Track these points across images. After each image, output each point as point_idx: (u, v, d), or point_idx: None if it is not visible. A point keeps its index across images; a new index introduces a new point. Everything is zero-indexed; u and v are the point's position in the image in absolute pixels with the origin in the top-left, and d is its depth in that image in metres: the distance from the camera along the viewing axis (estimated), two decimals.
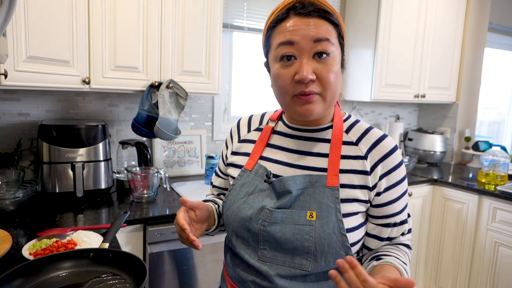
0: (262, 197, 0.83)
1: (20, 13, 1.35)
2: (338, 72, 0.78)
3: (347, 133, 0.85)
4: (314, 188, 0.79)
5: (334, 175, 0.79)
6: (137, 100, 2.12)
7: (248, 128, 0.96)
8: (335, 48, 0.77)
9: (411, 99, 2.77)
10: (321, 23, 0.75)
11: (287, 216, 0.79)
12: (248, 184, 0.86)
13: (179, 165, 2.25)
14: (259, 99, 2.59)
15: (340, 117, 0.87)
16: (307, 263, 0.77)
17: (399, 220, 0.84)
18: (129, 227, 1.52)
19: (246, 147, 0.93)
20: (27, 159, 1.85)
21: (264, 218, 0.80)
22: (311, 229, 0.76)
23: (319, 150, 0.84)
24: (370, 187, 0.80)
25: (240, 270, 0.86)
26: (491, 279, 2.27)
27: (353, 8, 2.72)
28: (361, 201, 0.80)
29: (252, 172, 0.87)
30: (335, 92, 0.78)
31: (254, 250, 0.82)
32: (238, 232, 0.85)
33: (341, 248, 0.77)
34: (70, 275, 0.89)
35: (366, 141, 0.83)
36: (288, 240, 0.77)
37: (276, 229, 0.78)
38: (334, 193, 0.78)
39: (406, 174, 0.86)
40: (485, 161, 2.48)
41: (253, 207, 0.82)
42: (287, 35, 0.75)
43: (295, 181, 0.80)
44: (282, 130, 0.90)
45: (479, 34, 3.06)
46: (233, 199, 0.87)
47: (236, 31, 2.40)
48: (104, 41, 1.66)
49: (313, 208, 0.78)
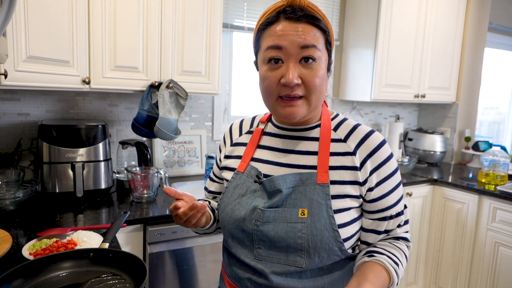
0: (254, 198, 0.85)
1: (20, 13, 1.35)
2: (324, 76, 0.81)
3: (335, 131, 0.87)
4: (305, 186, 0.81)
5: (324, 172, 0.81)
6: (137, 100, 2.12)
7: (240, 131, 0.98)
8: (321, 53, 0.79)
9: (411, 99, 2.77)
10: (309, 29, 0.78)
11: (279, 214, 0.80)
12: (240, 185, 0.88)
13: (179, 165, 2.25)
14: (259, 99, 2.58)
15: (328, 116, 0.89)
16: (301, 260, 0.79)
17: (395, 212, 0.85)
18: (129, 227, 1.52)
19: (238, 150, 0.95)
20: (27, 159, 1.85)
21: (257, 218, 0.81)
22: (303, 226, 0.78)
23: (308, 148, 0.86)
24: (360, 182, 0.81)
25: (237, 269, 0.87)
26: (491, 279, 2.27)
27: (353, 8, 2.72)
28: (353, 197, 0.82)
29: (244, 174, 0.89)
30: (320, 95, 0.81)
31: (249, 249, 0.84)
32: (233, 233, 0.86)
33: (333, 243, 0.78)
34: (70, 275, 0.89)
35: (354, 137, 0.84)
36: (281, 238, 0.79)
37: (269, 228, 0.80)
38: (325, 189, 0.80)
39: (398, 167, 0.87)
40: (485, 161, 2.48)
41: (246, 208, 0.84)
42: (276, 40, 0.77)
43: (285, 179, 0.82)
44: (271, 131, 0.93)
45: (479, 34, 3.06)
46: (227, 201, 0.88)
47: (236, 31, 2.40)
48: (104, 41, 1.66)
49: (304, 206, 0.79)
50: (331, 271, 0.83)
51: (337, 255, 0.81)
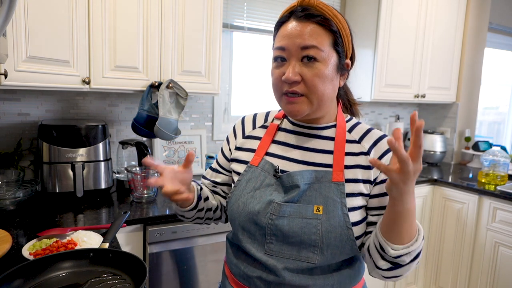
0: (270, 191, 0.85)
1: (20, 13, 1.35)
2: (327, 76, 0.81)
3: (349, 133, 0.89)
4: (320, 183, 0.82)
5: (339, 170, 0.83)
6: (137, 100, 2.12)
7: (253, 125, 0.99)
8: (325, 54, 0.80)
9: (411, 99, 2.77)
10: (315, 30, 0.79)
11: (294, 210, 0.81)
12: (254, 179, 0.88)
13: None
14: (259, 99, 2.59)
15: (343, 118, 0.91)
16: (313, 256, 0.79)
17: None
18: (129, 227, 1.52)
19: (250, 143, 0.95)
20: (27, 159, 1.85)
21: (273, 212, 0.82)
22: (318, 222, 0.79)
23: (323, 147, 0.88)
24: (371, 181, 0.83)
25: (245, 266, 0.87)
26: (491, 279, 2.27)
27: (353, 8, 2.72)
28: (364, 195, 0.83)
29: (259, 167, 0.89)
30: (322, 95, 0.81)
31: (260, 244, 0.84)
32: (244, 226, 0.86)
33: (346, 241, 0.79)
34: (70, 275, 0.89)
35: (368, 139, 0.87)
36: (295, 234, 0.80)
37: (284, 223, 0.81)
38: (340, 188, 0.81)
39: None
40: (485, 161, 2.48)
41: (261, 201, 0.84)
42: (281, 41, 0.82)
43: (303, 176, 0.83)
44: (287, 127, 0.94)
45: (479, 34, 3.06)
46: (239, 194, 0.88)
47: (236, 31, 2.40)
48: (104, 41, 1.66)
49: (319, 203, 0.81)
50: (340, 269, 0.85)
51: (348, 253, 0.82)
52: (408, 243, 0.75)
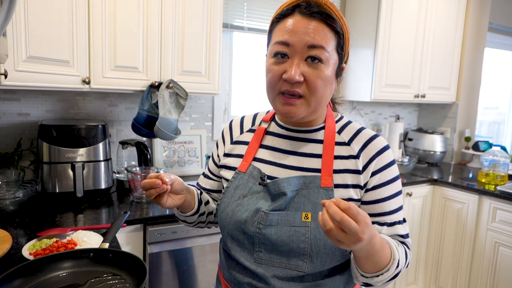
0: (257, 199, 0.83)
1: (20, 13, 1.35)
2: (329, 79, 0.78)
3: (339, 134, 0.85)
4: (309, 189, 0.80)
5: (328, 175, 0.80)
6: (137, 100, 2.12)
7: (241, 129, 0.96)
8: (330, 55, 0.77)
9: (411, 99, 2.77)
10: (321, 28, 0.75)
11: (282, 218, 0.79)
12: (242, 186, 0.85)
13: (179, 165, 2.25)
14: (259, 99, 2.59)
15: (333, 118, 0.87)
16: (303, 264, 0.77)
17: (389, 220, 0.81)
18: (129, 227, 1.52)
19: (239, 148, 0.92)
20: (27, 159, 1.85)
21: (260, 220, 0.80)
22: (307, 230, 0.77)
23: (312, 151, 0.84)
24: (361, 186, 0.80)
25: (236, 272, 0.85)
26: (491, 279, 2.27)
27: (353, 8, 2.72)
28: (354, 200, 0.80)
29: (246, 174, 0.86)
30: (321, 98, 0.79)
31: (249, 252, 0.82)
32: (233, 235, 0.84)
33: (336, 248, 0.77)
34: (70, 275, 0.89)
35: (358, 140, 0.83)
36: (284, 242, 0.77)
37: (271, 232, 0.78)
38: (329, 193, 0.78)
39: (399, 175, 0.85)
40: (485, 161, 2.48)
41: (248, 210, 0.82)
42: (285, 35, 0.76)
43: (290, 182, 0.80)
44: (275, 131, 0.90)
45: (479, 34, 3.06)
46: (228, 202, 0.86)
47: (236, 31, 2.40)
48: (104, 41, 1.66)
49: (308, 209, 0.78)
50: (333, 275, 0.82)
51: (339, 260, 0.80)
52: (378, 272, 0.73)
